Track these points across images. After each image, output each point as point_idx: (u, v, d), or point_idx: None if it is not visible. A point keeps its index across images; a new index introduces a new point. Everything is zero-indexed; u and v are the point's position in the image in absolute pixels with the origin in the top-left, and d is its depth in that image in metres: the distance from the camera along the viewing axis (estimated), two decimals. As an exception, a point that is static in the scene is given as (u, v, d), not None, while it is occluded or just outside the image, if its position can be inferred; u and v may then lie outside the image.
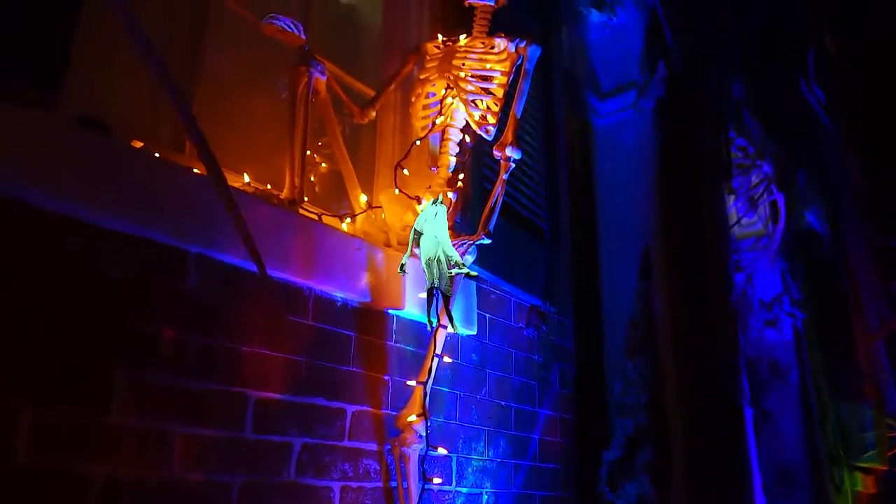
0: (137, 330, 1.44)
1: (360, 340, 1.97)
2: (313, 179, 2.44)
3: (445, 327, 1.95)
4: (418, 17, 2.70)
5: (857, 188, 7.76)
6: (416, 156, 2.27)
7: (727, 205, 4.70)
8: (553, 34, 3.42)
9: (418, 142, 2.19)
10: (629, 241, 3.67)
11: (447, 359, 2.12)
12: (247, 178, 1.98)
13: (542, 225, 2.94)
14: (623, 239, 3.70)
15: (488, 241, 2.02)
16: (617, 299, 3.60)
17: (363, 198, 2.19)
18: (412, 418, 1.86)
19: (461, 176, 2.19)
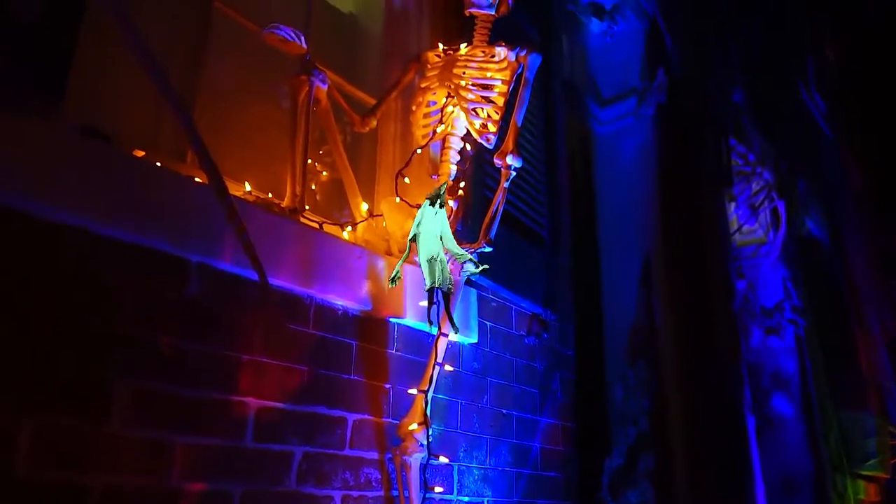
0: (138, 338, 1.44)
1: (361, 349, 1.97)
2: (314, 188, 2.45)
3: (447, 335, 1.95)
4: (419, 27, 2.71)
5: (858, 195, 7.76)
6: (417, 164, 2.27)
7: (728, 212, 4.70)
8: (553, 43, 3.44)
9: (419, 150, 2.20)
10: (630, 249, 3.67)
11: (448, 367, 2.12)
12: (248, 187, 1.98)
13: (543, 233, 2.94)
14: (624, 246, 3.70)
15: (489, 249, 2.02)
16: (618, 307, 3.60)
17: (364, 206, 2.20)
18: (413, 427, 1.85)
19: (462, 184, 2.19)
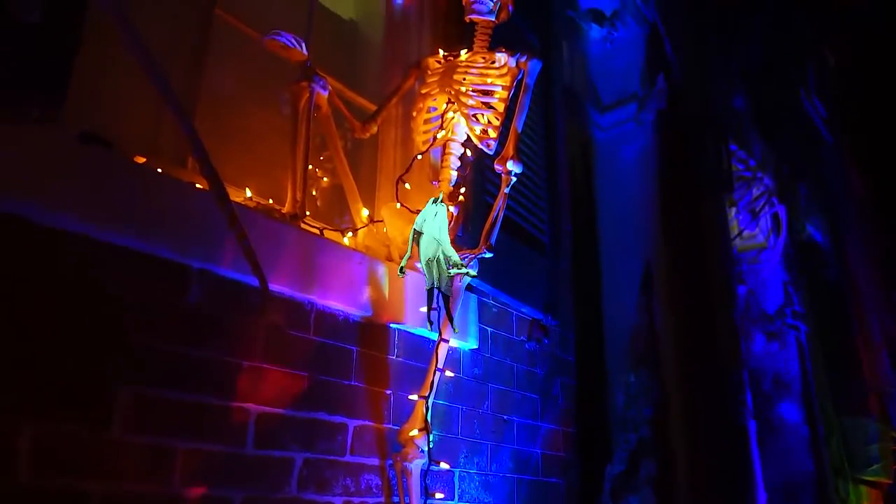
0: (139, 345, 1.44)
1: (362, 355, 1.97)
2: (315, 194, 2.45)
3: (447, 341, 1.95)
4: (419, 33, 2.72)
5: (859, 200, 7.76)
6: (418, 170, 2.28)
7: (728, 217, 4.70)
8: (553, 49, 3.44)
9: (420, 156, 2.20)
10: (631, 254, 3.67)
11: (449, 373, 2.11)
12: (249, 193, 1.98)
13: (544, 238, 2.94)
14: (624, 251, 3.70)
15: (490, 255, 2.02)
16: (618, 312, 3.60)
17: (365, 212, 2.20)
18: (414, 433, 1.85)
19: (462, 190, 2.19)
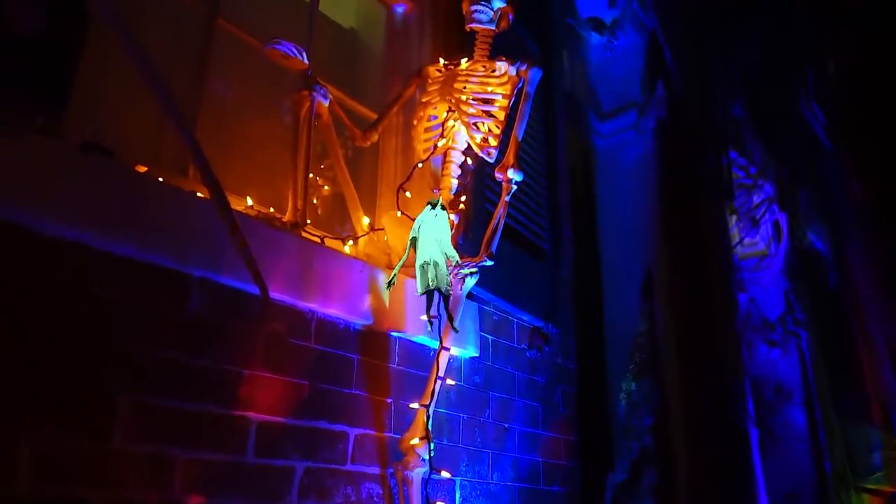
0: (140, 353, 1.44)
1: (363, 363, 1.97)
2: (316, 202, 2.45)
3: (448, 349, 1.95)
4: (420, 42, 2.73)
5: (859, 206, 7.75)
6: (418, 178, 2.28)
7: (729, 225, 4.70)
8: (554, 57, 3.45)
9: (420, 164, 2.20)
10: (631, 262, 3.67)
11: (450, 381, 2.11)
12: (250, 202, 1.99)
13: (544, 246, 2.94)
14: (625, 259, 3.70)
15: (491, 263, 2.02)
16: (619, 320, 3.60)
17: (365, 220, 2.20)
18: (415, 441, 1.84)
19: (463, 198, 2.20)
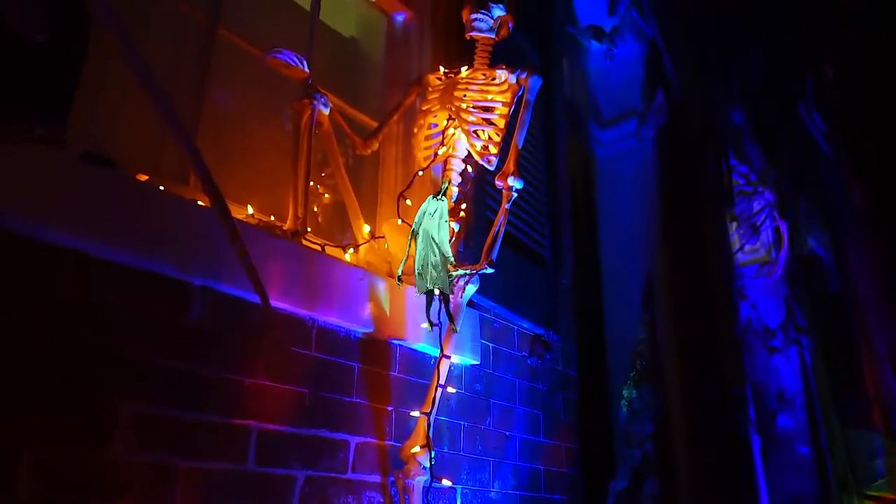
0: (140, 362, 1.44)
1: (364, 371, 1.97)
2: (316, 210, 2.46)
3: (449, 357, 1.95)
4: (420, 50, 2.73)
5: (859, 213, 7.76)
6: (419, 186, 2.28)
7: (729, 232, 4.71)
8: (554, 65, 3.46)
9: (421, 172, 2.21)
10: (632, 269, 3.67)
11: (451, 389, 2.11)
12: (250, 210, 1.99)
13: (545, 253, 2.94)
14: (626, 267, 3.70)
15: (491, 271, 2.02)
16: (620, 327, 3.59)
17: (366, 228, 2.20)
18: (416, 449, 1.84)
19: (463, 206, 2.20)
